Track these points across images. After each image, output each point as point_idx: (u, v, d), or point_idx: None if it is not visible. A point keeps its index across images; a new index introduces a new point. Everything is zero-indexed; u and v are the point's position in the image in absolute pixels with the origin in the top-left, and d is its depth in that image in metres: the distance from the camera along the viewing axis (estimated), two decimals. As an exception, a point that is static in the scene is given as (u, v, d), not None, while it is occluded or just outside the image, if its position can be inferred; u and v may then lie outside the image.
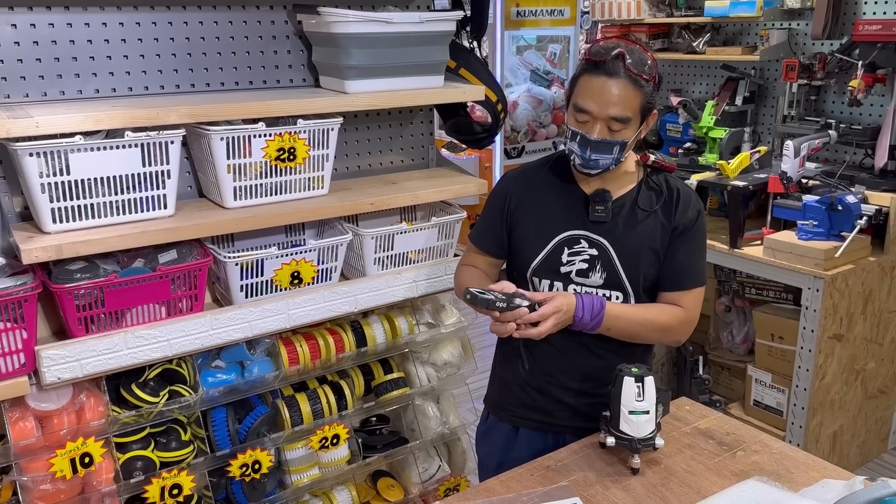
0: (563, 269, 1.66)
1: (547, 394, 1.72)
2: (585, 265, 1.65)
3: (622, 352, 1.69)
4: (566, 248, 1.66)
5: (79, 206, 1.76)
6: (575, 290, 1.67)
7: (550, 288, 1.69)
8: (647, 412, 1.52)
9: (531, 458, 1.63)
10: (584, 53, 1.58)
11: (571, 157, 1.63)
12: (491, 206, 1.79)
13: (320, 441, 2.18)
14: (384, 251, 2.21)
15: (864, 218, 2.80)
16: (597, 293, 1.66)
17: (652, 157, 1.69)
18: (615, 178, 1.67)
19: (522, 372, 1.71)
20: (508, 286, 1.56)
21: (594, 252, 1.65)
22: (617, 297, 1.67)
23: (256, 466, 2.07)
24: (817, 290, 2.78)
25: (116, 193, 1.80)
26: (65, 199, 1.74)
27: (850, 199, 2.82)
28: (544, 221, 1.69)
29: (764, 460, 1.57)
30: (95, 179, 1.76)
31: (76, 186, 1.74)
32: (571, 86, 1.60)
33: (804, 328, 2.85)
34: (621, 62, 1.51)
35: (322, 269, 2.12)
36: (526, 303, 1.53)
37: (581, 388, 1.71)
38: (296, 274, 2.06)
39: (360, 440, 2.34)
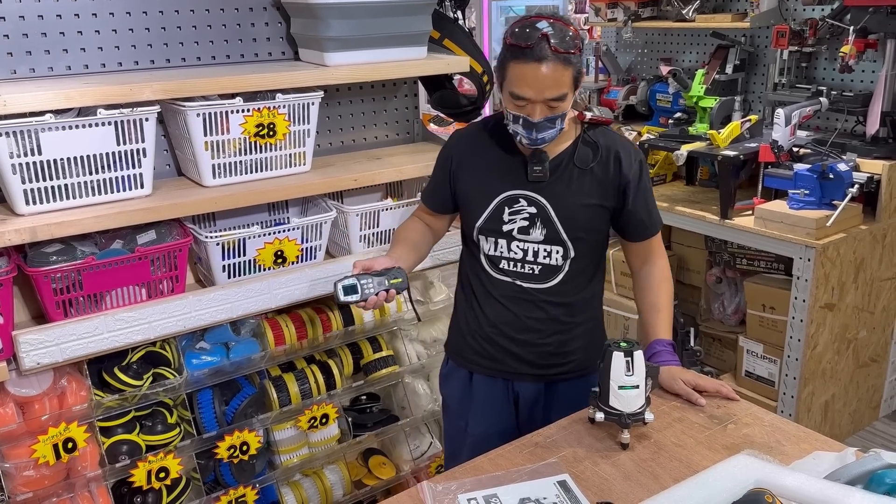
0: (506, 228, 1.75)
1: (495, 343, 1.82)
2: (526, 222, 1.74)
3: (562, 304, 1.78)
4: (507, 208, 1.74)
5: (52, 187, 1.71)
6: (518, 246, 1.75)
7: (495, 246, 1.77)
8: (637, 387, 1.50)
9: (487, 401, 1.84)
10: (507, 37, 1.59)
11: (518, 138, 1.67)
12: (438, 164, 1.87)
13: (309, 421, 2.16)
14: (370, 228, 2.18)
15: (856, 186, 2.77)
16: (539, 248, 1.74)
17: (588, 115, 1.78)
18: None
19: (472, 320, 1.84)
20: (377, 264, 1.68)
21: (533, 210, 1.73)
22: (557, 252, 1.75)
23: (244, 448, 2.05)
24: (809, 260, 2.76)
25: (91, 173, 1.75)
26: (37, 180, 1.69)
27: (842, 167, 2.79)
28: (486, 182, 1.76)
29: (755, 433, 1.55)
30: (68, 159, 1.71)
31: (49, 167, 1.69)
32: (501, 71, 1.61)
33: (796, 298, 2.84)
34: (547, 44, 1.54)
35: (306, 248, 2.08)
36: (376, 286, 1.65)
37: (524, 339, 1.81)
38: (279, 253, 2.02)
39: (349, 419, 2.32)
